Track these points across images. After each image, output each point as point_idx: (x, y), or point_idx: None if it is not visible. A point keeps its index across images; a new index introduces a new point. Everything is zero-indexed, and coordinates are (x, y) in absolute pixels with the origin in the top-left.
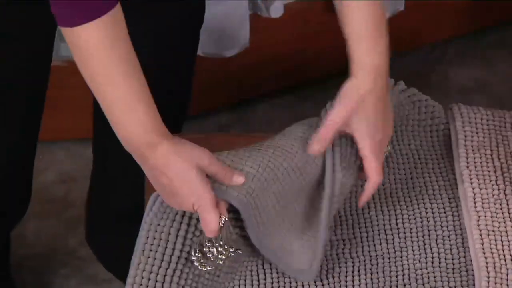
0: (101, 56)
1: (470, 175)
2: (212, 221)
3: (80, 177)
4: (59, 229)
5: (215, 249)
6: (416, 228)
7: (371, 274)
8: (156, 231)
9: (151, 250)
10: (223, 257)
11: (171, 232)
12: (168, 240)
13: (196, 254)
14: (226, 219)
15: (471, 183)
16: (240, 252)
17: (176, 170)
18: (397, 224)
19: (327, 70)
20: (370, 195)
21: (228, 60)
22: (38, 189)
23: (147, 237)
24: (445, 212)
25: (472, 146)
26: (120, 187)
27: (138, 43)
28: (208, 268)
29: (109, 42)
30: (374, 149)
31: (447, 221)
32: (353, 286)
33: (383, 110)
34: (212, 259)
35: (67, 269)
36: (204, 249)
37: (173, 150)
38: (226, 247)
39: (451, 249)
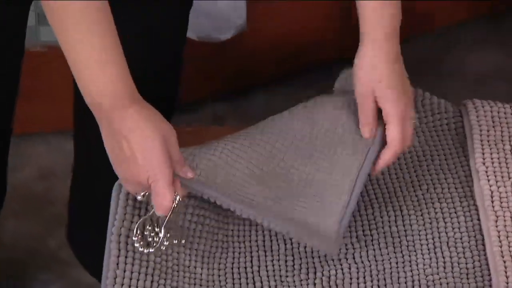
0: (76, 16)
1: (486, 171)
2: (166, 197)
3: (61, 172)
4: (39, 229)
5: (155, 233)
6: (425, 230)
7: (378, 280)
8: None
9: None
10: (165, 243)
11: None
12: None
13: (137, 235)
14: (180, 199)
15: (488, 180)
16: (182, 242)
17: (142, 136)
18: (404, 225)
19: (328, 57)
20: (386, 164)
21: (224, 46)
22: (16, 186)
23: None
24: (456, 212)
25: (488, 141)
26: (105, 179)
27: (124, 28)
28: (149, 250)
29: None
30: (398, 113)
31: (458, 222)
32: None
33: (400, 72)
34: (152, 243)
35: (47, 274)
36: (145, 232)
37: (143, 116)
38: (168, 234)
39: (464, 252)
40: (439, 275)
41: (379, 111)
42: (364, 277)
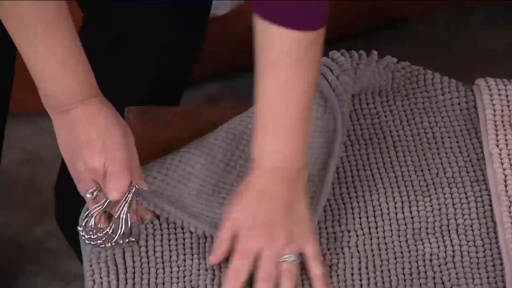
0: (34, 18)
1: (500, 154)
2: (123, 177)
3: (49, 156)
4: (25, 218)
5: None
6: (433, 217)
7: (382, 271)
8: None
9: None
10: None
11: None
12: None
13: (88, 226)
14: (137, 188)
15: (502, 164)
16: (132, 241)
17: (105, 120)
18: (411, 212)
19: (330, 34)
20: None
21: (220, 22)
22: None
23: None
24: (466, 198)
25: (502, 122)
26: None
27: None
28: (97, 242)
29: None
30: (244, 242)
31: (469, 208)
32: (361, 285)
33: (270, 205)
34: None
35: (34, 265)
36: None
37: (107, 104)
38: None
39: (474, 241)
40: (447, 266)
41: None
42: (367, 267)
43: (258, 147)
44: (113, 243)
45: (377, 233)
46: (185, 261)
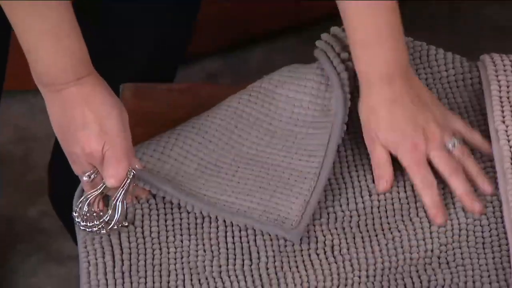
0: None
1: (506, 131)
2: (121, 164)
3: (43, 134)
4: (17, 197)
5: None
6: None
7: (388, 250)
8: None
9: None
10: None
11: None
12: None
13: (82, 211)
14: (134, 173)
15: (508, 141)
16: (125, 225)
17: (101, 102)
18: (413, 191)
19: (334, 8)
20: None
21: None
22: None
23: None
24: None
25: (508, 98)
26: None
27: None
28: (92, 229)
29: None
30: (410, 160)
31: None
32: (368, 265)
33: (403, 112)
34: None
35: (26, 244)
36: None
37: (102, 85)
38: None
39: (480, 220)
40: (452, 245)
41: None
42: (372, 247)
43: (365, 62)
44: (108, 229)
45: (379, 212)
46: (182, 241)
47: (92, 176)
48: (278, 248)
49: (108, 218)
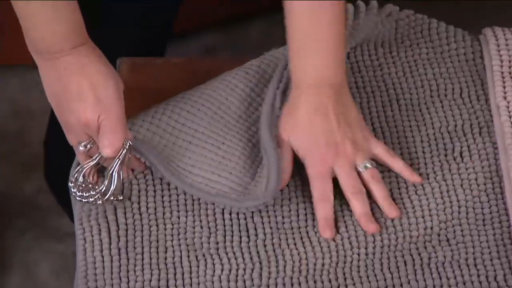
0: None
1: (508, 107)
2: (117, 134)
3: (38, 109)
4: (13, 173)
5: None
6: (435, 172)
7: (387, 228)
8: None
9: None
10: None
11: None
12: None
13: (78, 181)
14: (130, 143)
15: (510, 117)
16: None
17: (96, 71)
18: (412, 168)
19: None
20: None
21: None
22: None
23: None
24: (469, 151)
25: (510, 73)
26: None
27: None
28: (89, 200)
29: None
30: (312, 172)
31: (472, 162)
32: (366, 242)
33: (324, 124)
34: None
35: (22, 221)
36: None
37: (98, 54)
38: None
39: (479, 196)
40: (452, 222)
41: None
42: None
43: (297, 68)
44: (104, 200)
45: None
46: (179, 218)
47: (88, 146)
48: (276, 225)
49: (104, 189)
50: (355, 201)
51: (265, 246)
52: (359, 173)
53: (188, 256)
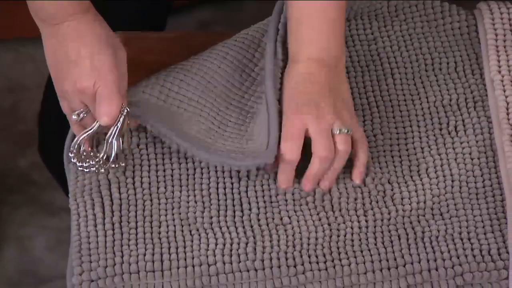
0: None
1: (502, 81)
2: (114, 101)
3: (32, 84)
4: (7, 148)
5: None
6: (429, 146)
7: (377, 202)
8: None
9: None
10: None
11: None
12: None
13: (78, 151)
14: (128, 110)
15: (504, 91)
16: (120, 165)
17: (96, 39)
18: (406, 144)
19: None
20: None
21: None
22: None
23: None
24: (464, 125)
25: (505, 47)
26: None
27: None
28: (91, 168)
29: None
30: (289, 126)
31: (467, 136)
32: (358, 216)
33: (325, 94)
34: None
35: (17, 196)
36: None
37: (98, 22)
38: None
39: (473, 170)
40: (446, 196)
41: None
42: (363, 198)
43: (295, 39)
44: (105, 168)
45: (372, 163)
46: (173, 192)
47: (81, 116)
48: (269, 199)
49: (104, 156)
50: (317, 160)
51: (258, 220)
52: (333, 136)
53: (182, 231)
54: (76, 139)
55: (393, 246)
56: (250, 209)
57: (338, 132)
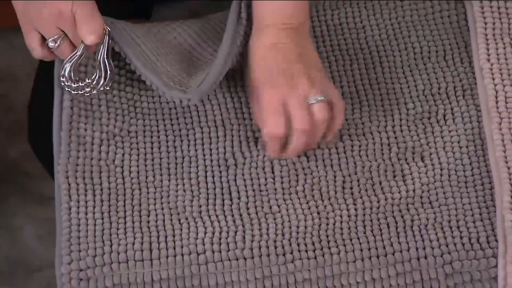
0: None
1: (491, 69)
2: (96, 19)
3: (22, 73)
4: None
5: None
6: (418, 134)
7: (366, 190)
8: None
9: None
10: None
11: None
12: None
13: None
14: (109, 29)
15: (493, 79)
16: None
17: None
18: (394, 132)
19: None
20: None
21: None
22: None
23: None
24: (452, 114)
25: (494, 35)
26: None
27: None
28: (84, 92)
29: None
30: (268, 100)
31: (455, 124)
32: (347, 205)
33: (295, 61)
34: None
35: (7, 186)
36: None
37: None
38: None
39: (462, 159)
40: (434, 185)
41: None
42: (352, 187)
43: (260, 7)
44: (98, 90)
45: (359, 151)
46: (162, 182)
47: (58, 42)
48: (258, 187)
49: (96, 77)
50: (297, 134)
51: (248, 209)
52: (310, 106)
53: (171, 220)
54: (63, 63)
55: (382, 234)
56: (239, 198)
57: (315, 101)
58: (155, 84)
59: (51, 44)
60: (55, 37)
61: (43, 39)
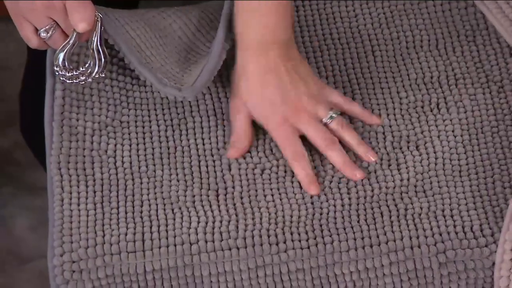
0: None
1: None
2: (87, 7)
3: (14, 63)
4: None
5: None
6: (412, 123)
7: (361, 180)
8: None
9: None
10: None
11: None
12: None
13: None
14: (101, 16)
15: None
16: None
17: None
18: (389, 120)
19: None
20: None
21: None
22: None
23: None
24: (446, 103)
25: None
26: None
27: None
28: (79, 80)
29: None
30: (279, 131)
31: (449, 113)
32: (341, 194)
33: (277, 83)
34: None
35: None
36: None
37: None
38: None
39: (456, 148)
40: (429, 174)
41: None
42: (347, 182)
43: (242, 23)
44: (93, 77)
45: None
46: (155, 171)
47: (50, 32)
48: (252, 177)
49: (91, 64)
50: (331, 152)
51: (241, 198)
52: (326, 125)
53: (164, 210)
54: (56, 53)
55: (375, 223)
56: (233, 187)
57: (329, 120)
58: (150, 81)
59: (43, 35)
60: (47, 27)
61: (36, 29)
